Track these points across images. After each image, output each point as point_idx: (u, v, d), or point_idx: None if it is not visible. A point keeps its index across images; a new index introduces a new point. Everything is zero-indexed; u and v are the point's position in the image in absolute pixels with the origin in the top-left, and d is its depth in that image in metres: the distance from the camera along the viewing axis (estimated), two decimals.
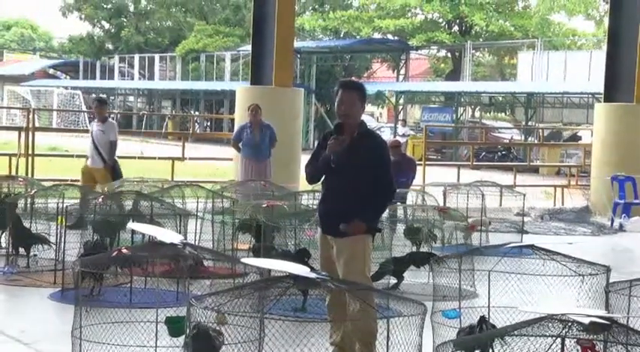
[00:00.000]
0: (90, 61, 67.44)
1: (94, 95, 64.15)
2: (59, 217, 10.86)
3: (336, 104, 7.27)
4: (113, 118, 20.29)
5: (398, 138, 37.91)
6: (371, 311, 6.26)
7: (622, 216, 18.22)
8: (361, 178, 7.18)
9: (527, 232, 15.99)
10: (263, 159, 15.42)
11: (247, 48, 36.45)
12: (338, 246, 7.23)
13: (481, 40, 52.97)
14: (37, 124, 24.23)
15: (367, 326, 6.82)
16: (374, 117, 61.05)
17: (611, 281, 6.84)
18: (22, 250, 11.25)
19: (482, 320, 6.96)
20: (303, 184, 16.04)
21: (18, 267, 11.00)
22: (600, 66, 22.68)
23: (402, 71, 52.51)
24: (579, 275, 7.02)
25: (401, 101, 51.37)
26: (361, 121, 7.36)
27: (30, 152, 18.62)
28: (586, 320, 4.52)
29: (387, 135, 39.30)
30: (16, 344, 7.88)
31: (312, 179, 7.60)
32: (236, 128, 16.66)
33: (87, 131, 16.31)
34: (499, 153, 37.76)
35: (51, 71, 72.00)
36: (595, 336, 4.68)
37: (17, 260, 11.18)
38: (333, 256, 7.27)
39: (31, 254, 11.23)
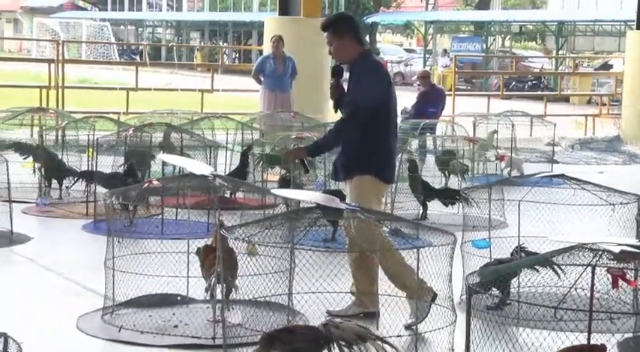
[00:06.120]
0: None
1: (122, 27, 64.17)
2: (90, 149, 10.90)
3: None
4: (141, 50, 20.23)
5: (439, 68, 37.71)
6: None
7: None
8: None
9: (557, 162, 15.92)
10: (286, 91, 15.42)
11: None
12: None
13: None
14: (66, 56, 24.30)
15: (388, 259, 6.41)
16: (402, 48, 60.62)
17: None
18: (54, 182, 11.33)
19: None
20: (330, 115, 15.99)
21: (51, 199, 11.10)
22: None
23: (432, 0, 52.02)
24: (610, 204, 7.01)
25: (430, 31, 50.96)
26: (362, 52, 6.81)
27: (60, 84, 18.67)
28: (616, 249, 4.51)
29: (419, 67, 38.91)
30: (49, 273, 7.98)
31: None
32: (258, 59, 16.63)
33: (117, 63, 16.29)
34: (529, 83, 37.45)
35: (80, 3, 71.81)
36: (625, 265, 4.68)
37: (50, 191, 11.28)
38: None
39: (64, 186, 11.30)
